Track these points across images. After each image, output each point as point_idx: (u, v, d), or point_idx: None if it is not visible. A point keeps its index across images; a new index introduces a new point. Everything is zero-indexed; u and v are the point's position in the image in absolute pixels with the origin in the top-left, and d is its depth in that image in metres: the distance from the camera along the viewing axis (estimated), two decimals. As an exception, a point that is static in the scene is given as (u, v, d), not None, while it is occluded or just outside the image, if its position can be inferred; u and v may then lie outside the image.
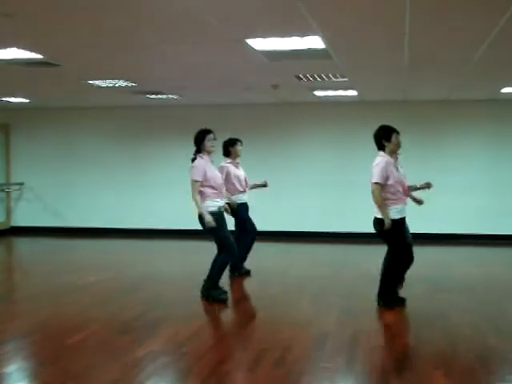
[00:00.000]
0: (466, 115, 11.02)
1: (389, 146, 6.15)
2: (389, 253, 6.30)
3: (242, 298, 7.01)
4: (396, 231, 6.16)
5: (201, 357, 4.75)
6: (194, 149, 6.67)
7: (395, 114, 10.91)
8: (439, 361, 4.56)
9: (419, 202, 7.07)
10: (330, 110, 11.25)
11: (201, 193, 6.41)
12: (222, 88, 9.21)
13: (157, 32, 5.29)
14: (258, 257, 8.29)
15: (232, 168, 7.73)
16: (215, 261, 6.58)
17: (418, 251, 10.21)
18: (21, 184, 12.52)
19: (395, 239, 6.20)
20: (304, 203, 11.37)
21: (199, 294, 6.64)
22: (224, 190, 6.77)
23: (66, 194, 12.33)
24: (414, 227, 10.94)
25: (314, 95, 10.00)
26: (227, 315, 6.35)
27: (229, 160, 7.77)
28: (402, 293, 6.60)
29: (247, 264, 7.95)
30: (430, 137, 11.09)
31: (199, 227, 6.61)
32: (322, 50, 5.95)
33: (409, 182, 6.51)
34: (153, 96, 10.14)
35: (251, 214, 7.99)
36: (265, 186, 8.31)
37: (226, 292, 6.66)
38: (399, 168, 6.59)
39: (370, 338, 5.32)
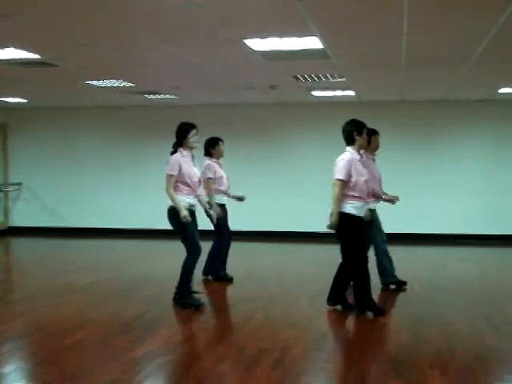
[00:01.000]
0: (464, 115, 11.03)
1: (359, 141, 5.92)
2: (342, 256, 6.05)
3: (240, 299, 7.01)
4: (351, 228, 5.91)
5: (199, 357, 4.75)
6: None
7: (393, 115, 10.95)
8: (437, 360, 4.57)
9: (391, 200, 7.01)
10: (328, 111, 11.25)
11: (174, 188, 6.16)
12: (220, 88, 9.22)
13: (155, 32, 5.30)
14: (257, 257, 8.30)
15: (218, 167, 7.51)
16: (183, 265, 6.30)
17: (417, 251, 10.31)
18: (19, 184, 12.51)
19: (350, 237, 5.94)
20: (302, 203, 11.37)
21: (200, 293, 6.64)
22: (200, 189, 6.46)
23: (64, 194, 12.32)
24: (413, 227, 11.10)
25: (312, 95, 10.01)
26: (226, 315, 6.35)
27: (214, 159, 7.51)
28: (400, 291, 6.62)
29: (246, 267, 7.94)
30: (427, 137, 11.10)
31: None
32: (320, 50, 5.96)
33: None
34: (151, 96, 10.14)
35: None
36: (241, 199, 7.94)
37: (199, 301, 6.38)
38: (375, 168, 6.76)
39: (368, 338, 5.33)
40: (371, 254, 6.55)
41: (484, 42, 5.59)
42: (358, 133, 5.89)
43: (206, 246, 6.90)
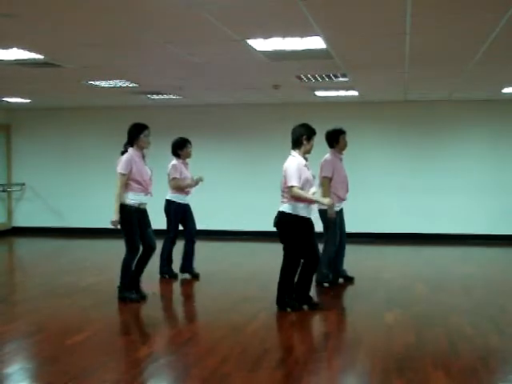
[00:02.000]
0: (467, 115, 11.02)
1: (306, 146, 6.06)
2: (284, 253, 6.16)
3: (243, 299, 7.00)
4: (292, 227, 5.97)
5: (201, 357, 4.75)
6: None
7: (396, 115, 10.93)
8: (440, 361, 4.56)
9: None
10: (331, 111, 11.24)
11: (126, 185, 6.30)
12: (223, 88, 9.21)
13: (158, 32, 5.30)
14: (259, 257, 8.29)
15: (183, 168, 7.65)
16: (122, 263, 6.44)
17: (421, 251, 10.29)
18: (22, 184, 12.52)
19: (290, 236, 6.00)
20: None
21: (201, 292, 6.64)
22: (151, 188, 6.65)
23: (67, 195, 12.33)
24: (414, 227, 11.07)
25: (315, 95, 10.00)
26: (228, 316, 6.34)
27: (180, 160, 7.66)
28: (403, 291, 6.60)
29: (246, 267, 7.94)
30: (431, 137, 11.08)
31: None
32: (323, 50, 5.95)
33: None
34: (154, 96, 10.15)
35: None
36: (200, 181, 7.78)
37: (142, 294, 6.50)
38: (342, 168, 7.07)
39: (371, 338, 5.32)
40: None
41: (487, 41, 5.58)
42: (307, 138, 6.05)
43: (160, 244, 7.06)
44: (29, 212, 12.53)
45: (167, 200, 7.71)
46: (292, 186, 5.81)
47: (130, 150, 6.40)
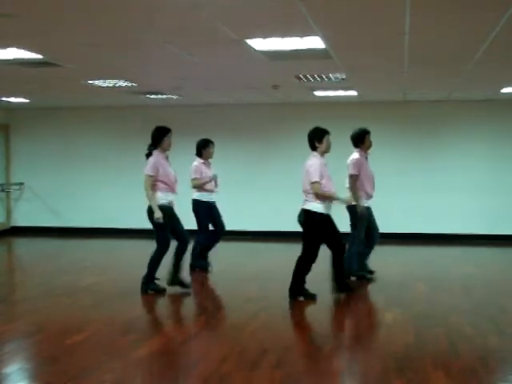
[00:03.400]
0: (466, 115, 11.02)
1: (320, 148, 6.41)
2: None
3: (242, 299, 7.00)
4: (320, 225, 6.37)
5: (201, 357, 4.75)
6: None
7: (395, 115, 10.93)
8: (440, 361, 4.56)
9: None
10: (330, 111, 11.24)
11: (154, 186, 6.60)
12: (222, 88, 9.21)
13: (157, 32, 5.29)
14: (260, 257, 8.29)
15: (204, 168, 7.90)
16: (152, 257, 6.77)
17: (420, 251, 10.29)
18: (21, 184, 12.51)
19: (316, 233, 6.39)
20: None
21: (202, 292, 6.64)
22: (176, 187, 6.86)
23: (66, 194, 12.32)
24: (414, 227, 11.07)
25: (314, 95, 10.00)
26: (228, 316, 6.35)
27: (201, 160, 7.91)
28: (403, 291, 6.59)
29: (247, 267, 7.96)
30: (429, 137, 11.08)
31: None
32: (322, 50, 5.96)
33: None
34: (153, 96, 10.14)
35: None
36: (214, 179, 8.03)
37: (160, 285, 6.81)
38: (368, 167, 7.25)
39: (371, 338, 5.32)
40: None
41: (487, 41, 5.58)
42: (318, 140, 6.42)
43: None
44: (28, 212, 12.52)
45: (194, 200, 7.94)
46: (315, 182, 6.21)
47: (155, 152, 6.69)
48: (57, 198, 12.39)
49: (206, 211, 7.90)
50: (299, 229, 11.43)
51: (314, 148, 6.43)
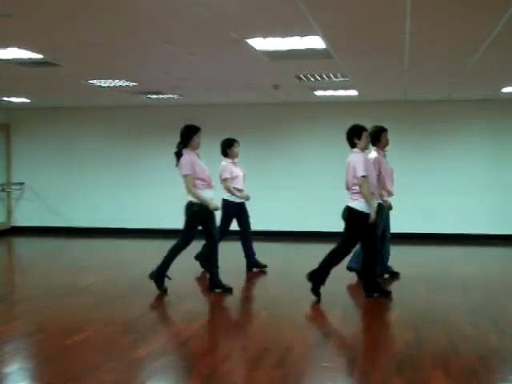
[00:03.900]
0: (467, 115, 11.01)
1: (360, 144, 6.42)
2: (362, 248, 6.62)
3: (243, 298, 7.01)
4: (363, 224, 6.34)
5: (202, 356, 4.75)
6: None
7: (396, 114, 10.93)
8: (440, 360, 4.56)
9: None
10: (331, 110, 11.24)
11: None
12: (222, 88, 9.21)
13: (157, 32, 5.29)
14: (260, 257, 8.29)
15: (233, 167, 7.96)
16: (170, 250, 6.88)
17: (421, 251, 10.29)
18: (21, 184, 12.51)
19: (358, 232, 6.41)
20: (304, 203, 11.37)
21: (203, 292, 6.66)
22: (212, 182, 6.89)
23: (66, 194, 12.32)
24: (415, 227, 11.07)
25: (315, 95, 10.00)
26: (228, 315, 6.35)
27: (229, 160, 7.96)
28: (403, 291, 6.59)
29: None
30: (430, 137, 11.08)
31: (199, 227, 6.63)
32: (323, 49, 5.95)
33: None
34: (153, 96, 10.15)
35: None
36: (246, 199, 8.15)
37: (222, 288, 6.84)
38: (387, 164, 7.24)
39: (371, 338, 5.32)
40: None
41: (487, 41, 5.58)
42: (357, 137, 6.42)
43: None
44: (28, 211, 12.52)
45: (224, 199, 7.94)
46: (363, 176, 6.20)
47: (186, 151, 6.67)
48: (57, 197, 12.40)
49: (234, 212, 7.96)
50: (299, 229, 11.51)
51: (353, 145, 6.44)
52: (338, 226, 6.61)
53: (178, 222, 11.56)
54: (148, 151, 12.01)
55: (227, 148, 7.98)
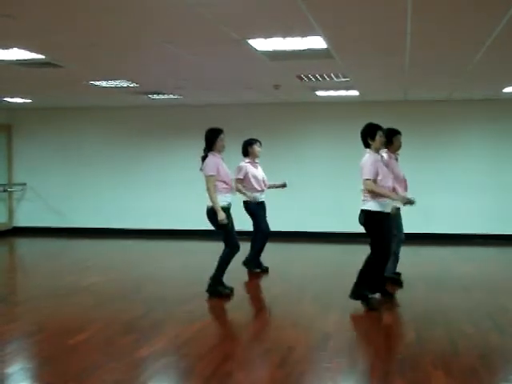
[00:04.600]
0: (468, 115, 11.01)
1: (374, 144, 6.25)
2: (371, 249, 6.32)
3: (243, 299, 7.02)
4: (380, 224, 6.16)
5: (203, 357, 4.75)
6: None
7: (397, 114, 10.91)
8: (441, 360, 4.56)
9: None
10: (332, 110, 11.24)
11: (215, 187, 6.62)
12: (223, 88, 9.22)
13: (159, 32, 5.30)
14: (260, 257, 8.29)
15: (250, 168, 7.96)
16: (221, 257, 6.77)
17: (422, 251, 10.28)
18: (23, 184, 12.53)
19: (379, 233, 6.18)
20: (305, 203, 11.37)
21: (204, 293, 6.66)
22: (234, 186, 6.94)
23: (68, 195, 12.33)
24: (414, 227, 11.05)
25: (316, 95, 10.00)
26: (229, 315, 6.35)
27: (247, 160, 7.98)
28: (404, 291, 6.59)
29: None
30: (430, 137, 11.08)
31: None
32: (324, 49, 5.96)
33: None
34: (155, 96, 10.15)
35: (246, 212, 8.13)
36: (284, 186, 8.45)
37: (230, 288, 6.81)
38: (398, 167, 7.02)
39: (372, 338, 5.32)
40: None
41: (487, 41, 5.58)
42: (370, 137, 6.25)
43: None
44: (30, 212, 12.54)
45: (244, 201, 8.03)
46: (366, 179, 6.06)
47: (211, 153, 6.66)
48: (59, 198, 12.41)
49: (257, 210, 8.08)
50: (298, 228, 11.51)
51: (367, 145, 6.27)
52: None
53: (178, 222, 11.72)
54: (149, 152, 12.01)
55: (248, 146, 8.01)
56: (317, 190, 11.31)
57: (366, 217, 6.16)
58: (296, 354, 4.74)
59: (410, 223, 11.22)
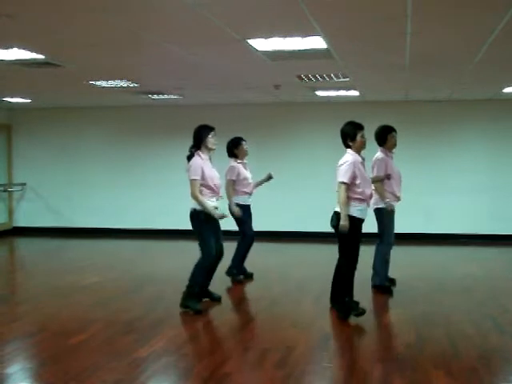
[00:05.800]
0: (468, 115, 11.01)
1: (355, 145, 5.81)
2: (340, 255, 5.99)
3: (243, 299, 7.02)
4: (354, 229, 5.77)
5: (203, 357, 4.75)
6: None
7: (397, 114, 10.91)
8: (441, 360, 4.56)
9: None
10: (332, 110, 11.24)
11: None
12: (224, 88, 9.21)
13: (159, 32, 5.30)
14: (259, 257, 8.29)
15: (242, 169, 7.49)
16: (196, 265, 6.23)
17: (422, 251, 10.29)
18: (23, 184, 12.52)
19: (351, 238, 5.79)
20: (305, 203, 11.36)
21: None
22: (221, 190, 6.36)
23: (67, 195, 12.33)
24: (414, 227, 11.07)
25: (316, 95, 10.00)
26: (229, 316, 6.34)
27: (239, 160, 7.49)
28: (404, 291, 6.58)
29: (248, 267, 7.88)
30: (431, 137, 11.07)
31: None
32: (324, 50, 5.96)
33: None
34: (155, 96, 10.15)
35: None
36: (270, 178, 7.76)
37: (200, 303, 6.29)
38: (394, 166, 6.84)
39: (372, 338, 5.32)
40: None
41: (488, 41, 5.58)
42: (351, 139, 5.81)
43: (229, 246, 6.91)
44: (30, 212, 12.54)
45: (237, 204, 7.42)
46: (342, 182, 5.67)
47: (198, 153, 6.14)
48: (58, 198, 12.41)
49: (245, 213, 7.44)
50: (297, 228, 11.50)
51: (347, 146, 5.84)
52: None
53: (178, 222, 11.70)
54: (149, 152, 12.01)
55: (234, 148, 7.48)
56: (317, 190, 11.29)
57: (338, 220, 5.75)
58: (296, 354, 4.74)
59: (410, 223, 11.30)
